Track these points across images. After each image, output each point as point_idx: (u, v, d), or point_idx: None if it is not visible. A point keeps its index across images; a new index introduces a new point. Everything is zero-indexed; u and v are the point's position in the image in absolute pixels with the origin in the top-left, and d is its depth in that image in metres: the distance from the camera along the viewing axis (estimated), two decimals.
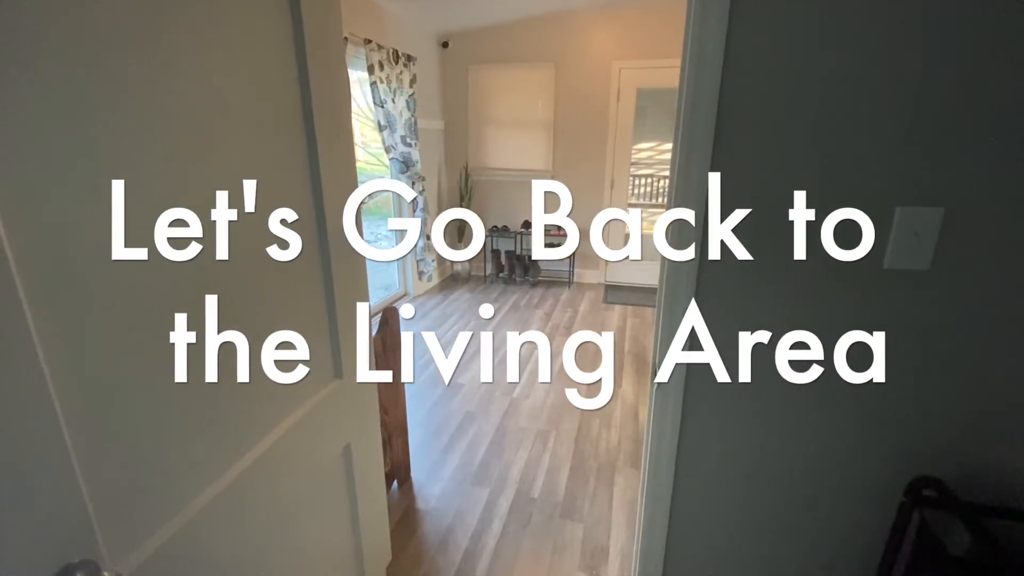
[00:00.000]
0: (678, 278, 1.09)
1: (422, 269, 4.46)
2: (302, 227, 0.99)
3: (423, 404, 2.74)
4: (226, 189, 0.77)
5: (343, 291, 1.16)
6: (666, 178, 5.91)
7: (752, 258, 1.01)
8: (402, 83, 3.81)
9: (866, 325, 1.00)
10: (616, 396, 2.82)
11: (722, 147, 0.99)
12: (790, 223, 0.97)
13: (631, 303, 4.39)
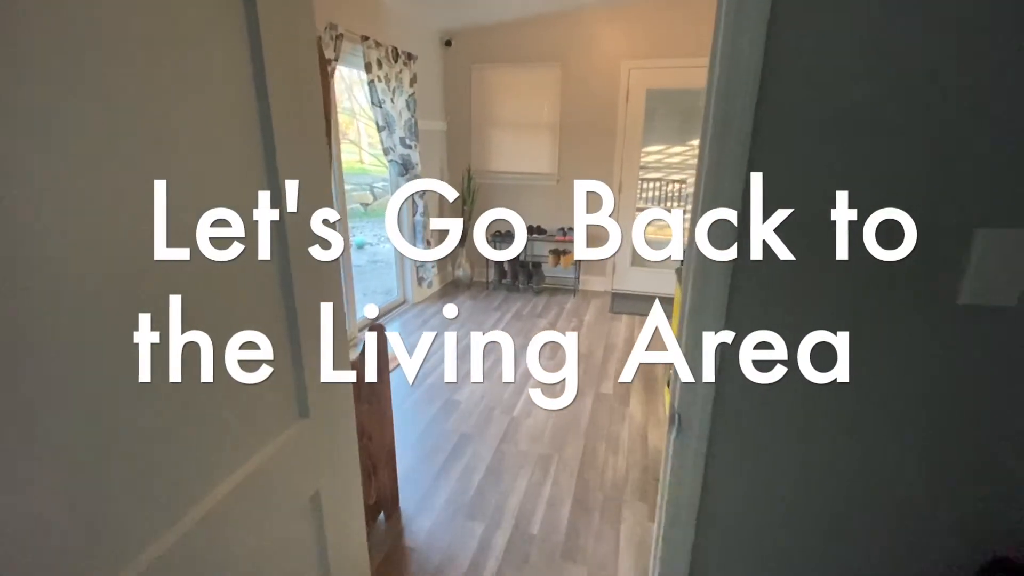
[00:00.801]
0: (708, 286, 0.91)
1: (422, 275, 4.30)
2: (252, 238, 0.82)
3: (416, 423, 2.57)
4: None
5: (309, 313, 0.99)
6: (676, 182, 5.74)
7: (792, 278, 0.84)
8: (402, 82, 3.65)
9: (928, 370, 0.82)
10: (623, 417, 2.64)
11: (762, 146, 0.81)
12: (838, 263, 0.80)
13: (639, 313, 4.20)
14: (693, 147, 4.63)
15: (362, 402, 1.66)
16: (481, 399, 2.80)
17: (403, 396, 2.82)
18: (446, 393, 2.87)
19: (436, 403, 2.76)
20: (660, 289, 4.69)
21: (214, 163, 0.77)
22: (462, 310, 4.24)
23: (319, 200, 1.01)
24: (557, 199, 4.67)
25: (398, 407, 2.68)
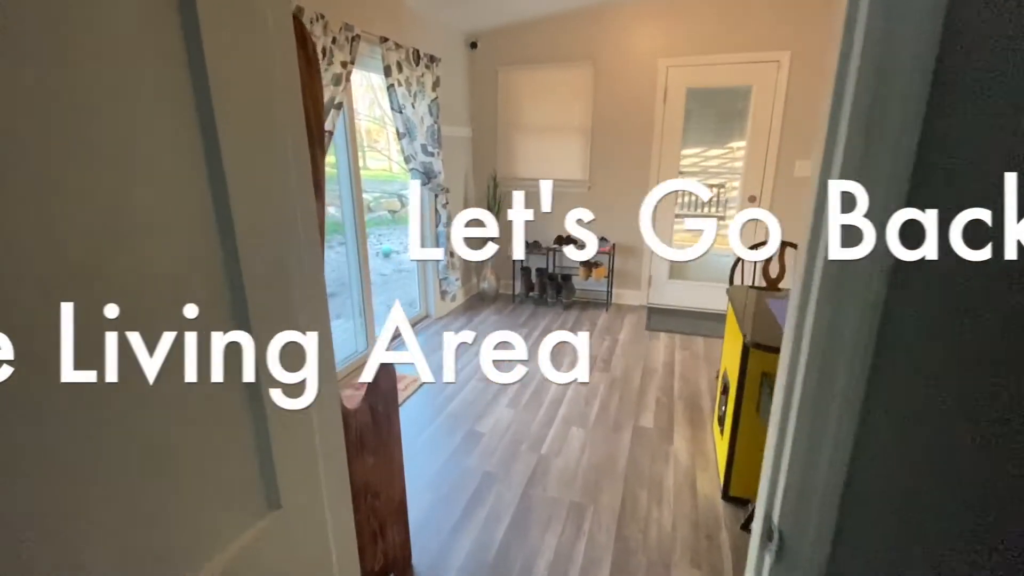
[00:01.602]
0: (843, 315, 0.63)
1: (445, 288, 4.08)
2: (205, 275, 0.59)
3: (435, 457, 2.32)
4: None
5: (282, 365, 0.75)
6: (714, 186, 5.36)
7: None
8: (424, 86, 3.44)
9: None
10: (667, 457, 2.33)
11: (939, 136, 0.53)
12: None
13: (678, 331, 3.87)
14: (732, 149, 4.27)
15: (365, 454, 1.42)
16: (507, 430, 2.54)
17: (422, 424, 2.59)
18: (468, 422, 2.62)
19: (457, 434, 2.52)
20: (702, 304, 4.33)
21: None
22: (486, 325, 3.99)
23: (290, 227, 0.77)
24: (589, 206, 4.38)
25: (415, 437, 2.44)
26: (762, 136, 3.85)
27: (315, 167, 1.16)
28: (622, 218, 4.32)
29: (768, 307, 2.14)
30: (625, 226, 4.33)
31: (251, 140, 0.71)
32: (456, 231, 3.92)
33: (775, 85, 3.72)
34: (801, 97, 3.67)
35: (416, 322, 4.04)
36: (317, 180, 1.17)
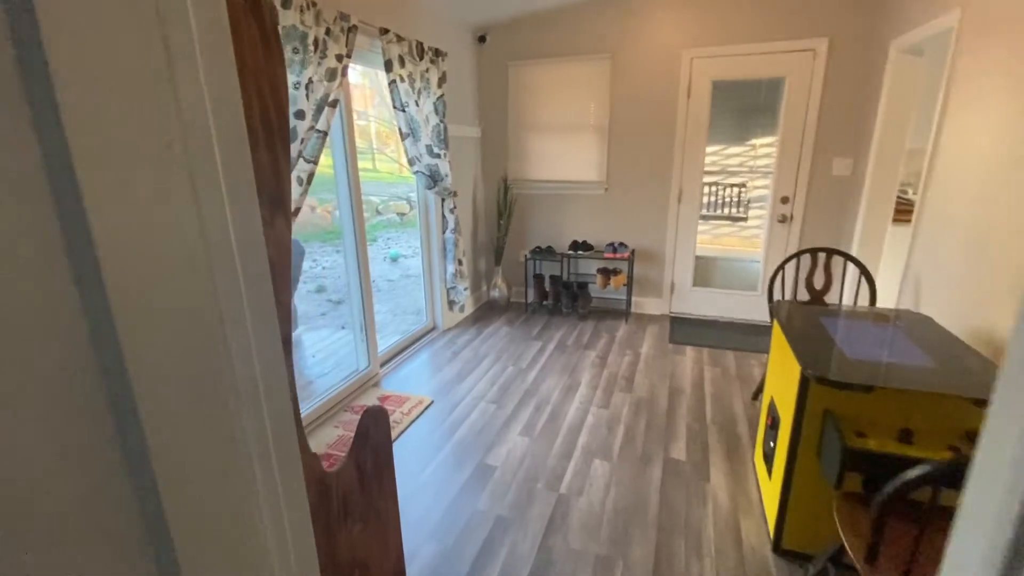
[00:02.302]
0: None
1: (453, 298, 3.82)
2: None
3: (441, 496, 2.06)
4: None
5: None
6: (734, 186, 5.05)
7: None
8: (428, 83, 3.19)
9: None
10: (704, 497, 2.04)
11: None
12: None
13: (705, 344, 3.57)
14: (754, 147, 3.97)
15: (351, 523, 1.16)
16: (521, 463, 2.27)
17: (427, 455, 2.33)
18: (479, 452, 2.35)
19: (467, 467, 2.25)
20: (729, 314, 4.03)
21: None
22: (497, 338, 3.73)
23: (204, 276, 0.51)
24: (606, 210, 4.10)
25: (419, 472, 2.18)
26: (795, 132, 3.54)
27: (275, 174, 0.89)
28: (642, 222, 4.03)
29: (824, 328, 1.85)
30: (645, 230, 4.04)
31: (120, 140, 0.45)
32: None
33: (811, 76, 3.40)
34: (840, 88, 3.35)
35: (423, 334, 3.78)
36: (279, 191, 0.91)
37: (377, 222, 9.26)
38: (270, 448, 0.68)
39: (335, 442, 2.41)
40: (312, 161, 2.24)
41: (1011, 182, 1.80)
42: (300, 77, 2.10)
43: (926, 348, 1.65)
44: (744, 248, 5.01)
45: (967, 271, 2.00)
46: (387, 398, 2.83)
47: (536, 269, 4.35)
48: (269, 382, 0.69)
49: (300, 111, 2.11)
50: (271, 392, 0.70)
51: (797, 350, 1.64)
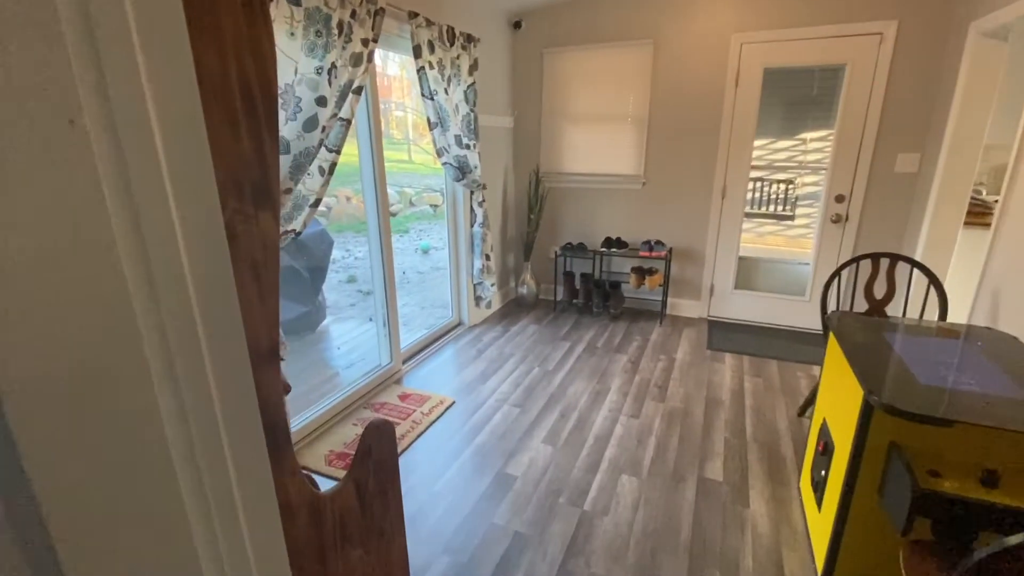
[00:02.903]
0: None
1: (480, 294, 3.71)
2: None
3: (459, 508, 1.95)
4: None
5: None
6: (781, 182, 4.72)
7: None
8: (459, 70, 3.06)
9: None
10: (742, 524, 1.86)
11: None
12: None
13: (746, 352, 3.34)
14: (804, 141, 3.65)
15: (349, 548, 1.06)
16: (543, 474, 2.14)
17: (446, 459, 2.23)
18: (499, 460, 2.24)
19: (486, 475, 2.14)
20: (772, 319, 3.77)
21: None
22: (524, 336, 3.60)
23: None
24: (643, 206, 3.89)
25: (437, 477, 2.07)
26: (855, 124, 3.24)
27: (260, 162, 0.78)
28: (681, 219, 3.81)
29: (890, 344, 1.63)
30: (684, 228, 3.82)
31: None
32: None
33: (875, 62, 3.10)
34: (909, 76, 3.04)
35: (448, 330, 3.69)
36: (265, 182, 0.79)
37: (411, 213, 9.26)
38: (234, 498, 0.58)
39: (352, 441, 2.34)
40: (335, 151, 2.15)
41: None
42: (323, 62, 2.01)
43: (1013, 374, 1.42)
44: (791, 249, 4.69)
45: None
46: (408, 396, 2.75)
47: (567, 266, 4.19)
48: (232, 413, 0.58)
49: (322, 97, 2.02)
50: (235, 421, 0.59)
51: (859, 370, 1.44)
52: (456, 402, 2.72)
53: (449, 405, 2.67)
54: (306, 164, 1.98)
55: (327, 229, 4.38)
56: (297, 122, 1.94)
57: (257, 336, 0.80)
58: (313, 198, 2.09)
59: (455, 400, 2.73)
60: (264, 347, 0.82)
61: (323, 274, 4.04)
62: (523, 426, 2.49)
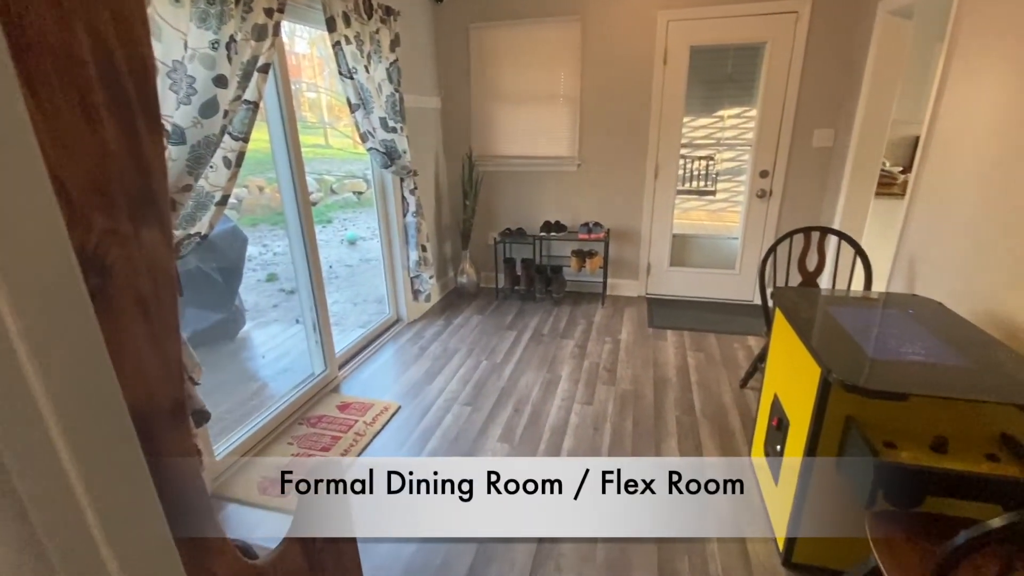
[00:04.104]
0: None
1: (418, 288, 3.51)
2: None
3: (414, 525, 1.81)
4: None
5: None
6: (702, 159, 4.85)
7: None
8: (379, 45, 2.80)
9: None
10: (704, 503, 1.88)
11: None
12: None
13: (686, 327, 3.41)
14: (722, 118, 3.74)
15: None
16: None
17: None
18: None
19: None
20: (706, 293, 3.90)
21: None
22: (468, 329, 3.46)
23: None
24: (579, 188, 3.85)
25: (387, 495, 1.89)
26: (776, 101, 3.35)
27: (136, 161, 0.58)
28: (617, 199, 3.81)
29: (835, 319, 1.67)
30: (621, 208, 3.82)
31: None
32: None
33: (793, 41, 3.21)
34: (823, 54, 3.17)
35: (386, 328, 3.47)
36: (146, 187, 0.59)
37: (332, 202, 8.70)
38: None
39: (288, 464, 2.11)
40: (241, 138, 1.87)
41: (1021, 156, 1.64)
42: (219, 35, 1.71)
43: (950, 342, 1.50)
44: (714, 223, 4.87)
45: (973, 251, 1.86)
46: (348, 405, 2.54)
47: (506, 252, 4.08)
48: (115, 515, 0.41)
49: (221, 77, 1.72)
50: (119, 524, 0.42)
51: (815, 349, 1.45)
52: (402, 407, 2.54)
53: (395, 411, 2.50)
54: (207, 155, 1.69)
55: (239, 225, 3.96)
56: (192, 106, 1.65)
57: (152, 392, 0.61)
58: (219, 194, 1.81)
59: (400, 405, 2.56)
60: (164, 404, 0.63)
61: (239, 275, 3.64)
62: (476, 426, 2.38)
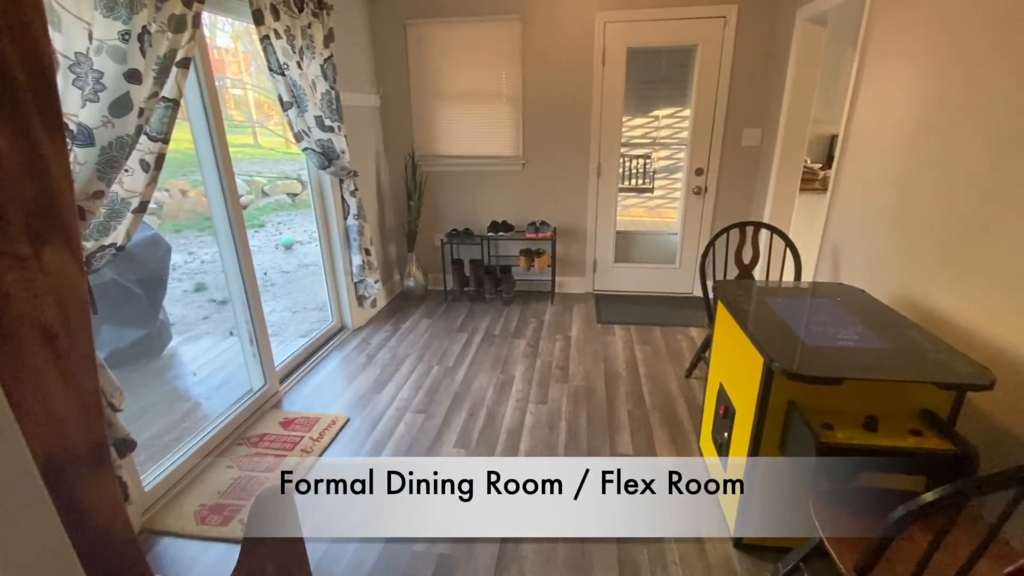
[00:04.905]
0: None
1: (363, 293, 3.39)
2: None
3: (371, 541, 1.73)
4: None
5: None
6: (639, 157, 4.99)
7: None
8: (312, 40, 2.67)
9: None
10: (660, 502, 1.93)
11: None
12: None
13: (632, 322, 3.51)
14: (657, 118, 3.88)
15: None
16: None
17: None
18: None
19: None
20: (649, 287, 4.02)
21: None
22: (417, 334, 3.38)
23: None
24: (525, 187, 3.85)
25: (341, 514, 1.79)
26: (708, 101, 3.51)
27: (31, 172, 0.50)
28: (563, 198, 3.85)
29: (772, 310, 1.76)
30: (566, 207, 3.87)
31: None
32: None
33: (722, 44, 3.36)
34: (750, 57, 3.35)
35: (330, 337, 3.32)
36: (47, 203, 0.51)
37: (265, 205, 8.24)
38: None
39: (229, 488, 1.96)
40: (160, 138, 1.71)
41: (929, 150, 1.80)
42: (129, 25, 1.56)
43: (874, 326, 1.61)
44: (652, 219, 5.04)
45: (889, 241, 2.02)
46: (292, 421, 2.40)
47: (454, 254, 4.02)
48: None
49: (134, 72, 1.57)
50: None
51: (758, 340, 1.52)
52: (351, 419, 2.44)
53: (343, 424, 2.39)
54: (121, 158, 1.53)
55: (160, 232, 3.66)
56: (100, 104, 1.49)
57: (65, 436, 0.53)
58: (137, 200, 1.65)
59: (349, 417, 2.45)
60: (81, 448, 0.55)
61: (162, 287, 3.36)
62: (431, 433, 2.32)
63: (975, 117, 1.60)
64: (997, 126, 1.51)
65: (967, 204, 1.62)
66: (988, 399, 1.50)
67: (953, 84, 1.70)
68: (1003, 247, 1.47)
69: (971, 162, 1.61)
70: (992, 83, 1.54)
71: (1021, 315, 1.40)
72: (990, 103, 1.54)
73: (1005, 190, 1.47)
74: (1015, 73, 1.45)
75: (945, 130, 1.73)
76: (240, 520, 1.80)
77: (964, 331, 1.61)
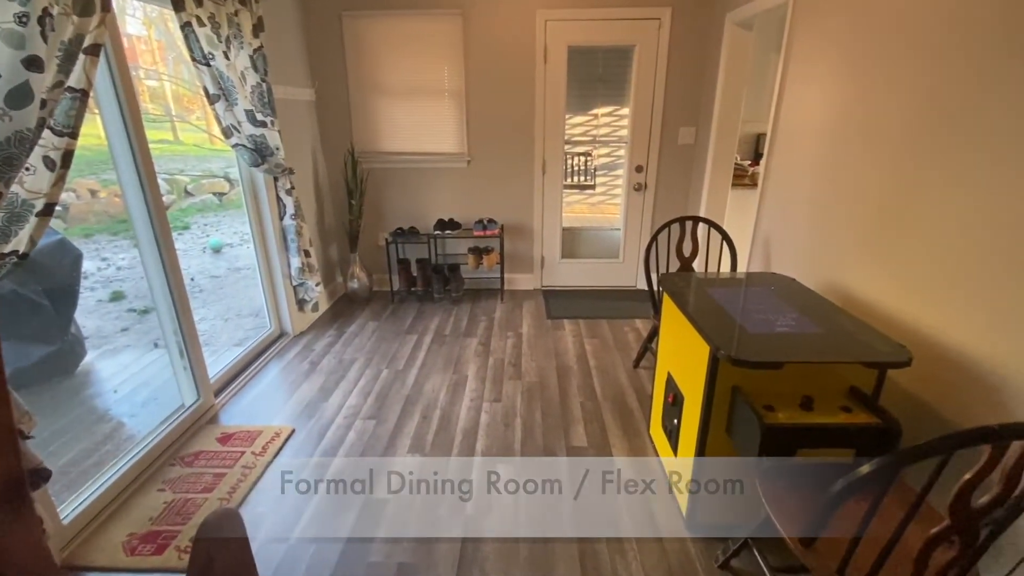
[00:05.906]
0: None
1: (303, 297, 3.23)
2: None
3: (325, 555, 1.66)
4: None
5: None
6: (580, 155, 5.10)
7: None
8: (240, 29, 2.50)
9: None
10: (615, 484, 1.97)
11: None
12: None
13: (580, 316, 3.57)
14: (596, 116, 3.98)
15: None
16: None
17: (296, 504, 1.87)
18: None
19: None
20: (595, 281, 4.11)
21: None
22: (363, 337, 3.27)
23: None
24: (471, 184, 3.82)
25: (288, 530, 1.70)
26: (646, 101, 3.62)
27: None
28: (509, 195, 3.85)
29: (715, 300, 1.84)
30: (513, 204, 3.87)
31: None
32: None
33: (657, 45, 3.48)
34: (683, 59, 3.49)
35: (268, 344, 3.15)
36: None
37: (189, 205, 7.67)
38: None
39: (161, 514, 1.81)
40: (67, 133, 1.54)
41: (848, 148, 1.95)
42: (28, 7, 1.38)
43: (806, 312, 1.73)
44: (595, 215, 5.16)
45: (815, 232, 2.18)
46: (231, 436, 2.25)
47: (400, 253, 3.93)
48: None
49: (34, 59, 1.40)
50: None
51: (703, 330, 1.58)
52: (296, 430, 2.32)
53: (288, 435, 2.27)
54: (22, 155, 1.36)
55: (68, 236, 3.31)
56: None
57: None
58: (42, 202, 1.47)
59: (294, 428, 2.33)
60: None
61: (72, 297, 3.04)
62: (383, 440, 2.25)
63: (888, 117, 1.75)
64: (907, 125, 1.66)
65: (883, 197, 1.77)
66: (906, 375, 1.65)
67: (868, 87, 1.85)
68: (916, 235, 1.62)
69: (886, 158, 1.76)
70: (903, 86, 1.68)
71: (934, 296, 1.55)
72: (901, 104, 1.69)
73: (916, 184, 1.62)
74: (924, 75, 1.60)
75: (862, 129, 1.88)
76: (177, 547, 1.67)
77: (884, 314, 1.76)
